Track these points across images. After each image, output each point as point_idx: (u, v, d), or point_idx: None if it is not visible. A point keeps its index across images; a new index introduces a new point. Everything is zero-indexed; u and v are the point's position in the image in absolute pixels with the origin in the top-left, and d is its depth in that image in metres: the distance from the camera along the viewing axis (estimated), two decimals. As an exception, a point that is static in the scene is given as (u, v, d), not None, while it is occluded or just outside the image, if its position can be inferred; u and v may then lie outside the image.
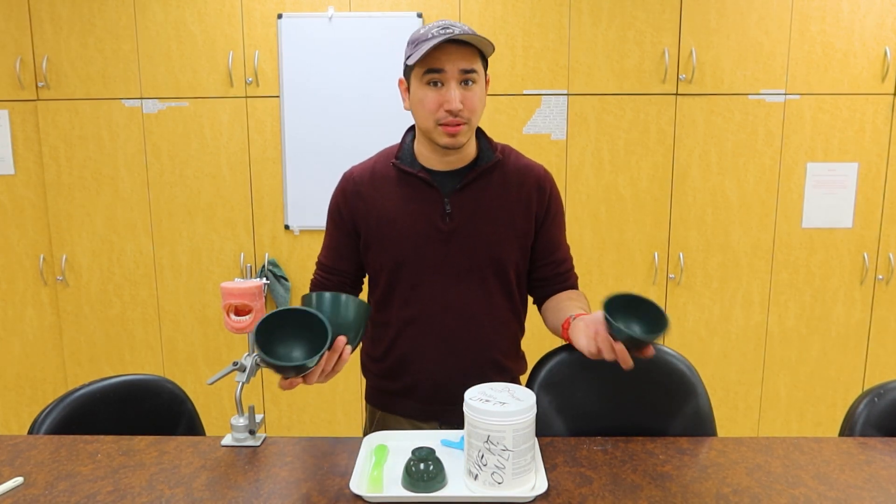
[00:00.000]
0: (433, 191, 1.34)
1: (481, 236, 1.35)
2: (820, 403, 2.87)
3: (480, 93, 1.29)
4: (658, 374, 1.45)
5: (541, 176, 1.41)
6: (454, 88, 1.25)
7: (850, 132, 2.68)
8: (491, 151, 1.39)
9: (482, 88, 1.31)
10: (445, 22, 1.27)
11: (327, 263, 1.45)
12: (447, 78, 1.25)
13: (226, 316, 1.28)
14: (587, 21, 2.64)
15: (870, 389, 1.38)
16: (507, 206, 1.36)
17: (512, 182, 1.38)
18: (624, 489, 1.08)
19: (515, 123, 2.69)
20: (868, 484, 1.10)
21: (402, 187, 1.36)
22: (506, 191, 1.37)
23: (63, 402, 1.37)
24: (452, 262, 1.35)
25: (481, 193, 1.36)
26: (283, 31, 2.65)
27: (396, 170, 1.37)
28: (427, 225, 1.34)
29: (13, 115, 2.75)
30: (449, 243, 1.34)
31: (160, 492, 1.08)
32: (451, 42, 1.23)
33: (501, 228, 1.36)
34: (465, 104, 1.26)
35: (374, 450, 1.22)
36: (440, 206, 1.34)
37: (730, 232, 2.75)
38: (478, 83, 1.28)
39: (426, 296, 1.36)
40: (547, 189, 1.41)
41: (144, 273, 2.83)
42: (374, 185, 1.38)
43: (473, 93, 1.27)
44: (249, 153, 2.75)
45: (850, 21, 2.61)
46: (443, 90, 1.26)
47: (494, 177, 1.37)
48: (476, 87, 1.28)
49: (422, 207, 1.34)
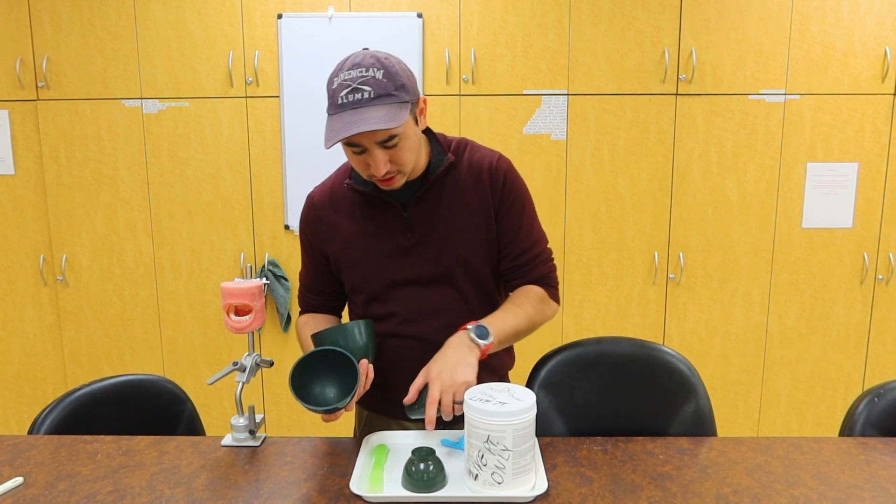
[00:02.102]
0: (390, 207, 1.32)
1: (445, 243, 1.32)
2: (820, 403, 2.87)
3: (410, 143, 1.22)
4: (658, 374, 1.45)
5: (492, 167, 1.34)
6: (378, 155, 1.18)
7: (850, 132, 2.68)
8: (442, 154, 1.34)
9: (412, 137, 1.22)
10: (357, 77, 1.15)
11: (308, 284, 1.47)
12: (367, 146, 1.18)
13: (226, 316, 1.28)
14: (587, 21, 2.64)
15: (870, 389, 1.38)
16: (465, 207, 1.33)
17: (467, 181, 1.33)
18: (624, 489, 1.08)
19: (515, 123, 2.69)
20: (868, 484, 1.10)
21: (360, 207, 1.34)
22: (462, 191, 1.33)
23: (63, 402, 1.37)
24: (421, 273, 1.33)
25: (438, 200, 1.32)
26: (283, 31, 2.65)
27: (352, 190, 1.35)
28: (389, 241, 1.33)
29: (13, 115, 2.75)
30: (413, 255, 1.33)
31: (160, 492, 1.08)
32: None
33: (463, 231, 1.33)
34: (394, 161, 1.20)
35: (374, 450, 1.22)
36: (399, 221, 1.32)
37: (730, 232, 2.75)
38: (403, 137, 1.19)
39: (401, 307, 1.34)
40: (499, 178, 1.34)
41: (144, 273, 2.83)
42: (333, 208, 1.36)
43: (400, 149, 1.20)
44: (249, 153, 2.75)
45: (850, 21, 2.61)
46: (366, 155, 1.20)
47: (449, 179, 1.33)
48: (402, 142, 1.20)
49: (382, 225, 1.33)
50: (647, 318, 2.82)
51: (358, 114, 1.15)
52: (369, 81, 1.15)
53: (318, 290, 1.45)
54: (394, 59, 1.20)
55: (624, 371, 1.47)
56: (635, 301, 2.81)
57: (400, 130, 1.19)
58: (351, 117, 1.15)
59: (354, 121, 1.14)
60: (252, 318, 1.27)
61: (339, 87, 1.17)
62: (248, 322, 1.27)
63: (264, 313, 1.31)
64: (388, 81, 1.16)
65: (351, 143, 1.19)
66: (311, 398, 1.19)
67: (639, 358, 1.48)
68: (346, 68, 1.17)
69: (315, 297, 1.47)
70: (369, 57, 1.18)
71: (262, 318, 1.30)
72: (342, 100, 1.16)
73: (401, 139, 1.19)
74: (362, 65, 1.16)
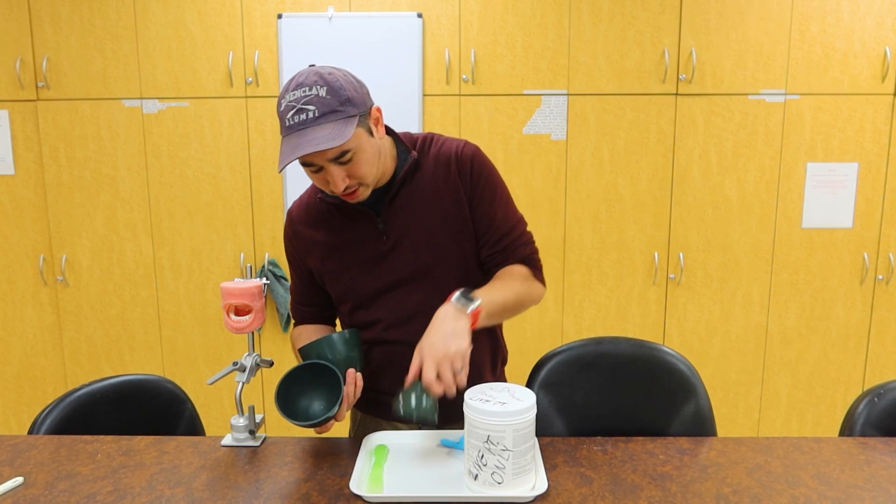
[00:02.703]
0: (364, 214, 1.31)
1: (421, 244, 1.31)
2: (820, 403, 2.87)
3: (366, 155, 1.19)
4: (658, 374, 1.45)
5: (458, 156, 1.31)
6: (333, 172, 1.17)
7: (850, 132, 2.68)
8: (406, 153, 1.32)
9: (368, 149, 1.20)
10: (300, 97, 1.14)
11: (298, 296, 1.47)
12: (322, 164, 1.17)
13: (226, 316, 1.28)
14: (587, 21, 2.64)
15: (870, 389, 1.38)
16: (437, 203, 1.31)
17: (436, 175, 1.31)
18: (624, 489, 1.08)
19: (515, 123, 2.69)
20: (868, 484, 1.10)
21: (335, 218, 1.34)
22: (432, 187, 1.31)
23: (63, 402, 1.37)
24: (403, 276, 1.32)
25: (409, 201, 1.31)
26: (283, 31, 2.65)
27: (324, 202, 1.35)
28: (366, 249, 1.32)
29: (13, 115, 2.75)
30: (392, 260, 1.32)
31: (160, 492, 1.08)
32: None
33: (438, 227, 1.31)
34: (352, 175, 1.19)
35: (374, 450, 1.22)
36: (374, 228, 1.31)
37: (730, 232, 2.75)
38: (358, 150, 1.17)
39: (387, 312, 1.33)
40: (467, 165, 1.31)
41: (144, 273, 2.83)
42: (310, 223, 1.36)
43: (356, 162, 1.18)
44: (249, 153, 2.75)
45: (850, 21, 2.61)
46: (323, 173, 1.19)
47: (417, 178, 1.31)
48: (358, 155, 1.18)
49: (357, 232, 1.32)
50: (647, 318, 2.82)
51: (304, 135, 1.13)
52: (313, 100, 1.13)
53: (309, 302, 1.45)
54: (339, 74, 1.17)
55: (624, 371, 1.47)
56: (635, 301, 2.81)
57: (351, 145, 1.16)
58: (297, 139, 1.13)
59: (300, 143, 1.12)
60: (252, 318, 1.27)
61: (285, 110, 1.16)
62: (248, 322, 1.27)
63: (264, 313, 1.31)
64: (332, 98, 1.14)
65: (306, 163, 1.17)
66: (299, 412, 1.21)
67: (639, 358, 1.48)
68: (290, 89, 1.16)
69: (306, 309, 1.47)
70: (313, 74, 1.16)
71: (262, 318, 1.30)
72: (289, 122, 1.15)
73: (355, 153, 1.17)
74: (305, 83, 1.15)
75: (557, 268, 2.78)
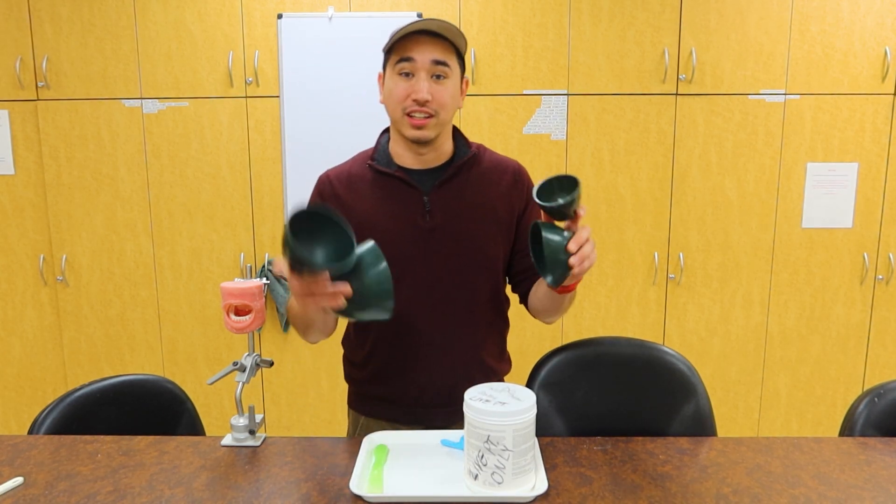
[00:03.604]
0: (412, 189, 1.33)
1: (464, 232, 1.33)
2: (820, 403, 2.87)
3: (452, 88, 1.28)
4: (658, 374, 1.45)
5: (517, 169, 1.41)
6: (423, 80, 1.25)
7: (850, 132, 2.68)
8: (466, 147, 1.38)
9: (455, 85, 1.29)
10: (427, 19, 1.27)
11: None
12: (417, 68, 1.25)
13: (226, 316, 1.28)
14: (587, 21, 2.64)
15: (870, 389, 1.38)
16: (487, 201, 1.35)
17: (490, 177, 1.37)
18: (624, 489, 1.08)
19: (515, 123, 2.69)
20: (868, 484, 1.10)
21: (380, 188, 1.34)
22: (485, 185, 1.36)
23: (63, 402, 1.37)
24: (435, 260, 1.33)
25: (461, 189, 1.34)
26: (283, 31, 2.65)
27: (373, 171, 1.35)
28: (407, 224, 1.32)
29: (13, 115, 2.75)
30: (430, 241, 1.32)
31: (160, 492, 1.08)
32: (425, 34, 1.24)
33: (484, 223, 1.34)
34: (434, 97, 1.25)
35: (374, 450, 1.22)
36: (420, 205, 1.32)
37: (730, 232, 2.75)
38: (450, 78, 1.27)
39: (408, 297, 1.32)
40: (525, 184, 1.40)
41: (144, 273, 2.83)
42: (351, 188, 1.36)
43: (444, 87, 1.27)
44: (249, 153, 2.75)
45: (850, 21, 2.61)
46: (412, 80, 1.26)
47: (472, 172, 1.36)
48: (447, 83, 1.27)
49: (401, 206, 1.33)
50: (647, 318, 2.82)
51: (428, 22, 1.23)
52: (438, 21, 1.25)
53: None
54: None
55: (624, 371, 1.47)
56: (635, 301, 2.81)
57: (453, 66, 1.27)
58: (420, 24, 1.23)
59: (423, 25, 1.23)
60: (252, 318, 1.27)
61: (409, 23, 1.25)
62: (248, 322, 1.27)
63: (264, 313, 1.31)
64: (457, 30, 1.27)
65: (404, 59, 1.25)
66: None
67: (639, 358, 1.48)
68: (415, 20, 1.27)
69: None
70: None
71: (262, 318, 1.30)
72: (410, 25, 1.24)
73: (448, 79, 1.27)
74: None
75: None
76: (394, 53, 1.27)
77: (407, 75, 1.26)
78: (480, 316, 1.38)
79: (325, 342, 3.02)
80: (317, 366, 2.88)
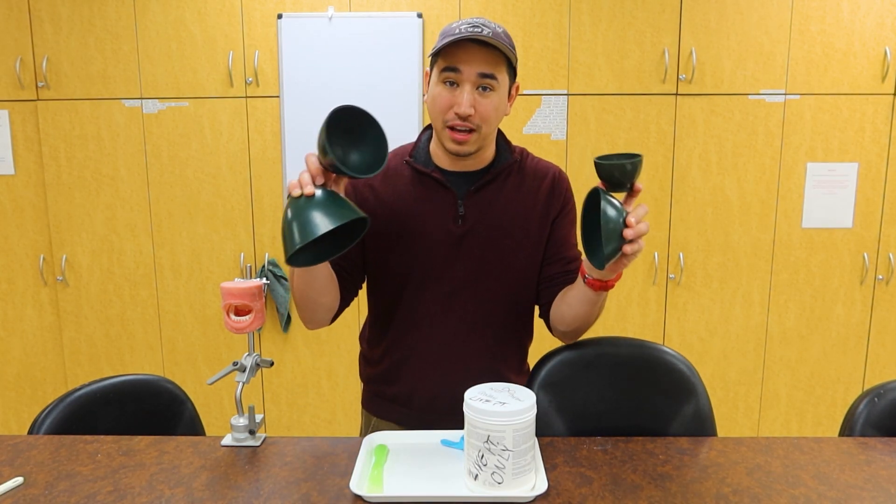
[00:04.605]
0: (447, 192, 1.29)
1: (494, 240, 1.30)
2: (820, 403, 2.87)
3: (498, 101, 1.23)
4: (658, 374, 1.45)
5: (556, 176, 1.36)
6: (468, 92, 1.20)
7: (850, 132, 2.68)
8: (509, 153, 1.35)
9: (501, 98, 1.24)
10: (479, 20, 1.20)
11: None
12: (463, 79, 1.20)
13: (226, 316, 1.28)
14: (587, 21, 2.64)
15: (870, 389, 1.38)
16: (523, 210, 1.32)
17: (529, 184, 1.33)
18: (624, 489, 1.08)
19: (515, 123, 2.69)
20: (868, 484, 1.10)
21: (415, 186, 1.31)
22: (522, 194, 1.32)
23: (63, 402, 1.37)
24: (462, 266, 1.30)
25: (496, 196, 1.31)
26: (283, 31, 2.65)
27: (410, 168, 1.32)
28: (438, 226, 1.29)
29: (13, 115, 2.75)
30: (460, 246, 1.30)
31: (160, 492, 1.08)
32: (475, 42, 1.18)
33: (516, 232, 1.31)
34: (478, 110, 1.21)
35: (374, 450, 1.22)
36: (453, 208, 1.29)
37: (730, 232, 2.75)
38: (496, 91, 1.22)
39: (432, 298, 1.31)
40: (563, 190, 1.36)
41: (144, 273, 2.83)
42: (387, 181, 1.32)
43: (489, 100, 1.21)
44: (249, 153, 2.75)
45: (850, 21, 2.61)
46: (457, 91, 1.21)
47: (511, 179, 1.32)
48: (493, 95, 1.22)
49: (434, 208, 1.29)
50: (647, 318, 2.82)
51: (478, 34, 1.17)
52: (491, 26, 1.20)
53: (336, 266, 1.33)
54: None
55: (624, 371, 1.47)
56: (635, 301, 2.81)
57: (501, 79, 1.22)
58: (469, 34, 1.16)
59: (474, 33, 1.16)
60: (252, 318, 1.27)
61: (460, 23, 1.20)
62: (248, 322, 1.27)
63: (264, 313, 1.31)
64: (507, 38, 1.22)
65: (450, 68, 1.20)
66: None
67: (639, 358, 1.48)
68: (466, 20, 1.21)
69: None
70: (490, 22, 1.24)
71: (262, 318, 1.30)
72: (461, 30, 1.18)
73: (495, 91, 1.22)
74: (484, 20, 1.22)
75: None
76: (441, 59, 1.21)
77: (452, 84, 1.21)
78: (501, 327, 1.35)
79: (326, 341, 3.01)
80: (317, 366, 2.88)
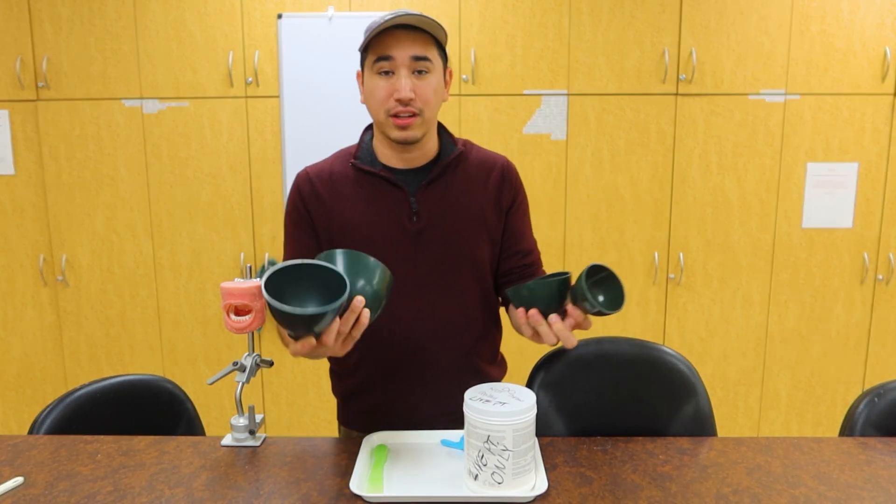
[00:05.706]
0: (397, 190, 1.28)
1: (452, 233, 1.28)
2: (820, 403, 2.87)
3: (435, 83, 1.23)
4: (658, 374, 1.45)
5: (505, 167, 1.35)
6: (405, 77, 1.19)
7: (850, 132, 2.68)
8: (452, 145, 1.34)
9: (438, 79, 1.24)
10: (401, 10, 1.21)
11: None
12: (397, 65, 1.20)
13: (226, 316, 1.28)
14: (587, 21, 2.64)
15: (870, 389, 1.38)
16: (475, 200, 1.30)
17: (477, 175, 1.32)
18: (624, 489, 1.08)
19: (515, 123, 2.69)
20: (868, 484, 1.10)
21: (364, 188, 1.29)
22: (472, 184, 1.31)
23: (63, 402, 1.37)
24: (423, 263, 1.29)
25: (447, 188, 1.29)
26: (283, 31, 2.65)
27: (356, 170, 1.30)
28: (393, 226, 1.27)
29: (13, 115, 2.75)
30: (418, 243, 1.28)
31: (160, 492, 1.08)
32: (402, 28, 1.19)
33: (472, 224, 1.30)
34: (417, 94, 1.20)
35: (374, 450, 1.22)
36: (406, 206, 1.27)
37: (730, 232, 2.75)
38: (432, 73, 1.22)
39: (395, 302, 1.28)
40: (512, 179, 1.35)
41: (144, 273, 2.83)
42: (333, 187, 1.30)
43: (426, 83, 1.21)
44: (249, 153, 2.75)
45: (850, 21, 2.61)
46: (393, 79, 1.20)
47: (459, 171, 1.31)
48: (430, 77, 1.22)
49: (386, 207, 1.27)
50: (647, 318, 2.82)
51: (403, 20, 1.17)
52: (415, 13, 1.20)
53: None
54: None
55: (624, 371, 1.47)
56: (635, 301, 2.81)
57: (434, 60, 1.22)
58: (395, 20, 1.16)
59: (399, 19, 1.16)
60: (252, 318, 1.27)
61: (384, 16, 1.19)
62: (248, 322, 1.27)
63: (264, 313, 1.31)
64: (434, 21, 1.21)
65: (383, 57, 1.20)
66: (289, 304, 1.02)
67: (639, 358, 1.48)
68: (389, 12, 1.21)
69: None
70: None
71: (262, 318, 1.30)
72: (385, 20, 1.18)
73: (431, 73, 1.22)
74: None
75: (557, 268, 2.78)
76: (371, 52, 1.22)
77: (387, 74, 1.21)
78: (471, 320, 1.34)
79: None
80: (317, 366, 2.88)
